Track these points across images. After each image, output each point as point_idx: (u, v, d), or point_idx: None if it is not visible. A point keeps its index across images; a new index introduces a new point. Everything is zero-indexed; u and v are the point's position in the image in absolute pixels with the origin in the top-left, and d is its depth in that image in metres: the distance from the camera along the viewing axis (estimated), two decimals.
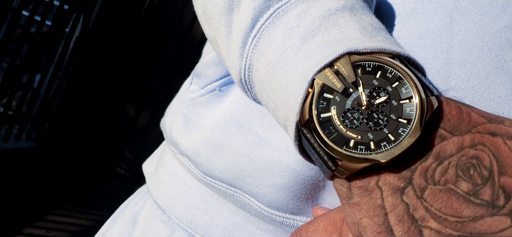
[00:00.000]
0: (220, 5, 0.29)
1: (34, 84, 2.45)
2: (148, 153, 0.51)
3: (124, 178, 2.67)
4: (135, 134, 2.77)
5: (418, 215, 0.21)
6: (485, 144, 0.22)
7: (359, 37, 0.24)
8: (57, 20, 2.32)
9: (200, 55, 0.51)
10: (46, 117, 2.57)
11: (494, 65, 0.27)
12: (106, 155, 2.76)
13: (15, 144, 2.37)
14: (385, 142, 0.22)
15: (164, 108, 0.47)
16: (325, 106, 0.23)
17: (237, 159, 0.32)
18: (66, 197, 2.17)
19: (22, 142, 2.46)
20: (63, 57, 2.52)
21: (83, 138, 2.78)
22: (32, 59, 2.19)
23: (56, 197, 2.13)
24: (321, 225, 0.27)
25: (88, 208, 2.13)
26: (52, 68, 2.48)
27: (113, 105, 2.81)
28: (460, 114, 0.23)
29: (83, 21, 2.52)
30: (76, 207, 2.09)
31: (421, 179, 0.22)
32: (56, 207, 2.02)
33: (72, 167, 2.59)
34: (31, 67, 2.24)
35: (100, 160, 2.73)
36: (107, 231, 0.42)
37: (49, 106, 2.57)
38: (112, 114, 2.80)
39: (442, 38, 0.27)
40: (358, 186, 0.23)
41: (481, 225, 0.21)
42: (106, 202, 2.27)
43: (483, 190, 0.21)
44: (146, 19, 2.83)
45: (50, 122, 2.62)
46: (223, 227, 0.34)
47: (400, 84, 0.23)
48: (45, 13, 2.19)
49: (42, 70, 2.46)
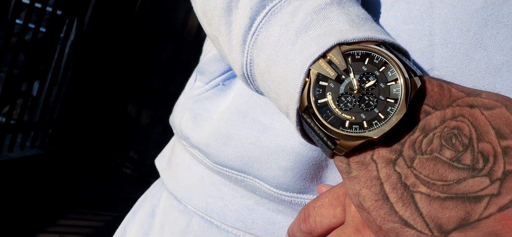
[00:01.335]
0: (219, 7, 0.32)
1: (33, 92, 2.46)
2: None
3: (130, 178, 2.70)
4: (138, 133, 2.80)
5: (410, 182, 0.24)
6: (465, 115, 0.25)
7: (347, 28, 0.27)
8: (51, 26, 2.33)
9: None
10: (48, 123, 2.58)
11: (473, 43, 0.30)
12: (111, 156, 2.79)
13: (20, 153, 2.38)
14: (376, 120, 0.25)
15: (165, 106, 0.50)
16: (321, 93, 0.26)
17: (245, 147, 0.35)
18: (75, 201, 2.20)
19: (27, 150, 2.48)
20: (60, 62, 2.53)
21: (87, 141, 2.80)
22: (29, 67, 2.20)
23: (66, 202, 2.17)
24: (326, 200, 0.30)
25: (98, 209, 2.16)
26: (50, 74, 2.49)
27: (114, 106, 2.83)
28: (442, 91, 0.25)
29: (77, 24, 2.52)
30: (86, 209, 2.13)
31: (410, 150, 0.25)
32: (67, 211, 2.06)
33: (79, 171, 2.61)
34: (29, 75, 2.25)
35: (105, 162, 2.76)
36: (128, 225, 0.45)
37: (50, 112, 2.59)
38: (114, 115, 2.83)
39: (424, 22, 0.30)
40: (356, 161, 0.25)
41: (464, 186, 0.24)
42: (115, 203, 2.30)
43: (465, 155, 0.24)
44: (140, 18, 2.84)
45: (53, 128, 2.64)
46: (236, 211, 0.37)
47: (386, 68, 0.25)
48: (38, 20, 2.19)
49: (40, 77, 2.47)
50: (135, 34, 2.82)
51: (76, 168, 2.63)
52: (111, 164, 2.77)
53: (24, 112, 2.33)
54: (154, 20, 2.82)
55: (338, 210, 0.29)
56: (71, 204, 2.15)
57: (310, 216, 0.30)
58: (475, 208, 0.23)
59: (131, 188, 2.54)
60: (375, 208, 0.25)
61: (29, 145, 2.51)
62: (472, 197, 0.23)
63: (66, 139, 2.72)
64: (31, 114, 2.43)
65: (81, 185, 2.43)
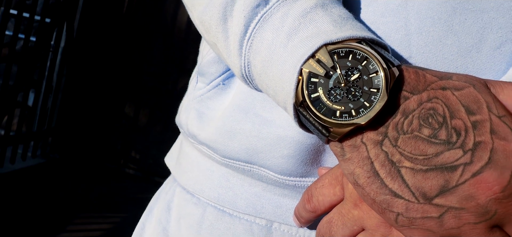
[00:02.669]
0: (216, 16, 0.35)
1: (29, 102, 2.46)
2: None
3: (134, 178, 2.72)
4: (138, 133, 2.82)
5: (395, 159, 0.28)
6: (438, 97, 0.29)
7: (331, 29, 0.30)
8: (41, 34, 2.33)
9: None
10: (47, 132, 2.59)
11: (444, 30, 0.33)
12: (113, 159, 2.81)
13: (22, 164, 2.39)
14: (363, 108, 0.28)
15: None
16: (313, 88, 0.30)
17: (249, 139, 0.39)
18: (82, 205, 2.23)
19: (29, 160, 2.49)
20: (53, 70, 2.53)
21: (88, 146, 2.82)
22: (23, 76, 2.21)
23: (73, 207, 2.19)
24: (326, 181, 0.34)
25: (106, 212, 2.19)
26: (44, 82, 2.49)
27: (111, 109, 2.85)
28: (417, 77, 0.29)
29: (66, 30, 2.52)
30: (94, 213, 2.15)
31: (394, 131, 0.28)
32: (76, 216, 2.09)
33: (82, 176, 2.63)
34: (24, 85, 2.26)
35: (108, 165, 2.78)
36: (146, 221, 0.48)
37: (49, 120, 2.60)
38: (112, 118, 2.84)
39: (400, 14, 0.34)
40: (348, 145, 0.29)
41: (442, 158, 0.28)
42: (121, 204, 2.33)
43: (440, 132, 0.28)
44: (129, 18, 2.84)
45: (53, 136, 2.65)
46: (246, 198, 0.40)
47: (368, 62, 0.29)
48: (28, 29, 2.19)
49: (35, 86, 2.48)
50: (125, 34, 2.83)
51: (79, 173, 2.65)
52: (114, 166, 2.79)
53: (22, 123, 2.34)
54: (143, 19, 2.83)
55: (337, 188, 0.33)
56: (79, 209, 2.17)
57: (313, 196, 0.34)
58: (452, 176, 0.27)
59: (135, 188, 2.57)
60: (368, 184, 0.29)
61: (30, 155, 2.52)
62: (449, 167, 0.27)
63: (67, 146, 2.74)
64: (30, 124, 2.44)
65: (86, 190, 2.45)
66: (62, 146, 2.70)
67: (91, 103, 2.81)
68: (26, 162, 2.43)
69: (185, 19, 2.79)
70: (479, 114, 0.28)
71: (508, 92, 0.29)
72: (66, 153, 2.72)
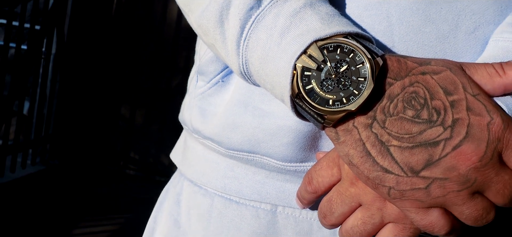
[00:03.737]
0: (212, 20, 0.38)
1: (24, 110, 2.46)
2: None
3: (135, 178, 2.74)
4: (136, 133, 2.83)
5: (384, 139, 0.31)
6: (419, 81, 0.32)
7: (320, 26, 0.34)
8: (31, 42, 2.33)
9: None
10: (45, 139, 2.60)
11: (423, 19, 0.36)
12: (113, 161, 2.82)
13: (22, 172, 2.39)
14: (352, 96, 0.32)
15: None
16: (307, 81, 0.33)
17: (250, 131, 0.41)
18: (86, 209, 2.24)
19: (29, 168, 2.49)
20: (46, 76, 2.53)
21: (86, 150, 2.83)
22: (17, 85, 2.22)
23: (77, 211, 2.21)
24: (324, 164, 0.37)
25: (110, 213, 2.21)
26: (38, 90, 2.49)
27: (108, 111, 2.86)
28: (399, 65, 0.33)
29: (57, 36, 2.52)
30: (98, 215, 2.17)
31: (381, 114, 0.32)
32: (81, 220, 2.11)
33: (84, 180, 2.64)
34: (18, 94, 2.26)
35: (108, 167, 2.80)
36: (157, 216, 0.51)
37: (46, 127, 2.60)
38: (109, 120, 2.85)
39: (382, 6, 0.37)
40: (342, 129, 0.33)
41: (425, 135, 0.31)
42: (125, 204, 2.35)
43: (422, 112, 0.31)
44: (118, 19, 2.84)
45: (51, 142, 2.66)
46: (251, 186, 0.43)
47: (354, 54, 0.32)
48: (18, 37, 2.19)
49: (29, 94, 2.48)
50: (115, 36, 2.83)
51: (80, 177, 2.66)
52: (114, 168, 2.81)
53: (20, 132, 2.35)
54: (132, 20, 2.83)
55: (334, 170, 0.36)
56: (83, 212, 2.19)
57: (313, 179, 0.37)
58: (435, 151, 0.31)
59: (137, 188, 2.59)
60: (361, 163, 0.32)
61: (30, 163, 2.53)
62: (432, 142, 0.31)
63: (66, 151, 2.74)
64: (27, 132, 2.45)
65: (88, 193, 2.46)
66: (61, 151, 2.71)
67: (87, 107, 2.82)
68: (26, 170, 2.44)
69: (174, 18, 2.80)
70: (456, 95, 0.31)
71: (481, 73, 0.32)
72: (65, 159, 2.73)
